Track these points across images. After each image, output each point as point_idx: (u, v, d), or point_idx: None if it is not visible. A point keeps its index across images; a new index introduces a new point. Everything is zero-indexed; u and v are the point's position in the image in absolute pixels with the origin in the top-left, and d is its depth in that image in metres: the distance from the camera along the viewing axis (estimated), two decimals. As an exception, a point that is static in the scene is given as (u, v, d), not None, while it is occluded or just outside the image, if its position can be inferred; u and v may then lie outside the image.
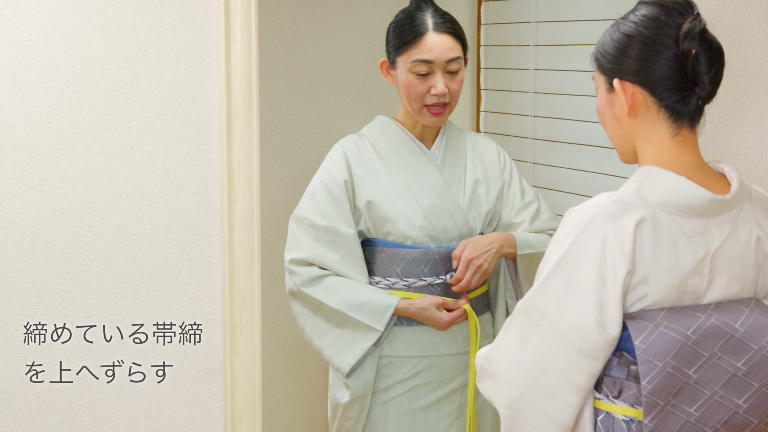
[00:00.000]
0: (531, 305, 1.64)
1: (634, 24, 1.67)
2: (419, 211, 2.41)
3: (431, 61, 2.32)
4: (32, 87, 2.16)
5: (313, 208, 2.43)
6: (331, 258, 2.40)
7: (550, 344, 1.61)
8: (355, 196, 2.42)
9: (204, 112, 2.26)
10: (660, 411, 1.60)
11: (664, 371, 1.59)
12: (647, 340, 1.59)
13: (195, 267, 2.30)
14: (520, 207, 2.51)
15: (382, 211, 2.40)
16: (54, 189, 2.21)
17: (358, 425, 2.47)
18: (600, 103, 1.75)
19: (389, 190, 2.42)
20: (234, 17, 2.23)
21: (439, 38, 2.33)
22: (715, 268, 1.66)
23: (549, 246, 1.67)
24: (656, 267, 1.62)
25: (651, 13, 1.66)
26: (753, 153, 2.40)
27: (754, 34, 2.37)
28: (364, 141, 2.47)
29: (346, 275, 2.40)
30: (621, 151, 1.77)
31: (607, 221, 1.61)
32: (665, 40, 1.64)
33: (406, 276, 2.41)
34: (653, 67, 1.65)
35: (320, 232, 2.41)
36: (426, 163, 2.44)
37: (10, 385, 2.23)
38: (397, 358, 2.43)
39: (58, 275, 2.23)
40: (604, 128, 1.79)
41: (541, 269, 1.67)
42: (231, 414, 2.34)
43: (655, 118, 1.68)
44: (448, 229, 2.41)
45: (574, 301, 1.60)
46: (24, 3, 2.14)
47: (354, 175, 2.42)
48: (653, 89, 1.66)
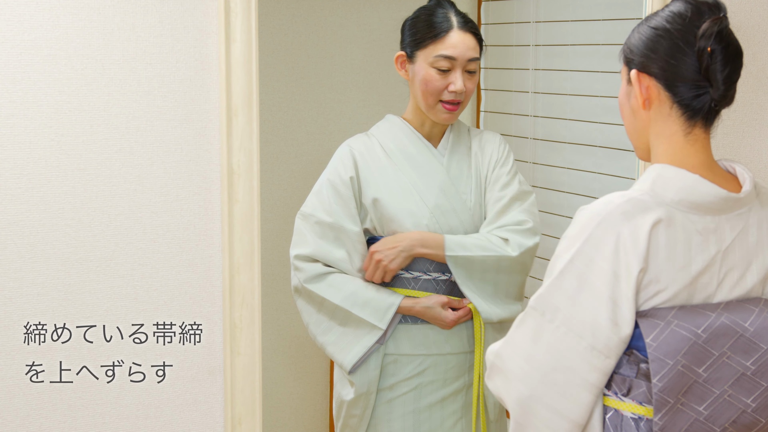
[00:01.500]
0: (544, 302, 1.64)
1: (661, 19, 1.69)
2: (425, 209, 2.41)
3: (454, 57, 2.35)
4: (32, 87, 2.16)
5: (319, 205, 2.44)
6: (336, 255, 2.42)
7: (563, 341, 1.61)
8: (361, 194, 2.43)
9: (204, 112, 2.26)
10: (670, 409, 1.61)
11: (675, 369, 1.60)
12: (658, 338, 1.60)
13: (195, 267, 2.30)
14: (495, 196, 2.50)
15: (388, 209, 2.41)
16: (54, 189, 2.21)
17: (363, 423, 2.48)
18: (620, 95, 1.77)
19: (396, 188, 2.43)
20: (234, 17, 2.23)
21: (463, 36, 2.37)
22: (725, 266, 1.67)
23: (560, 243, 1.67)
24: (669, 266, 1.63)
25: (679, 9, 1.68)
26: (753, 153, 2.40)
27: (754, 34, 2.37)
28: (372, 139, 2.48)
29: (350, 272, 2.42)
30: (636, 146, 1.78)
31: (622, 219, 1.61)
32: (687, 36, 1.65)
33: (412, 270, 2.43)
34: (670, 61, 1.66)
35: (326, 229, 2.43)
36: (433, 161, 2.45)
37: (10, 385, 2.23)
38: (402, 356, 2.44)
39: (58, 275, 2.23)
40: (623, 120, 1.79)
41: (552, 266, 1.67)
42: (231, 414, 2.34)
43: (668, 114, 1.69)
44: (454, 227, 2.41)
45: (587, 298, 1.61)
46: (24, 3, 2.14)
47: (360, 172, 2.44)
48: (668, 84, 1.67)
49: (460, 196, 2.43)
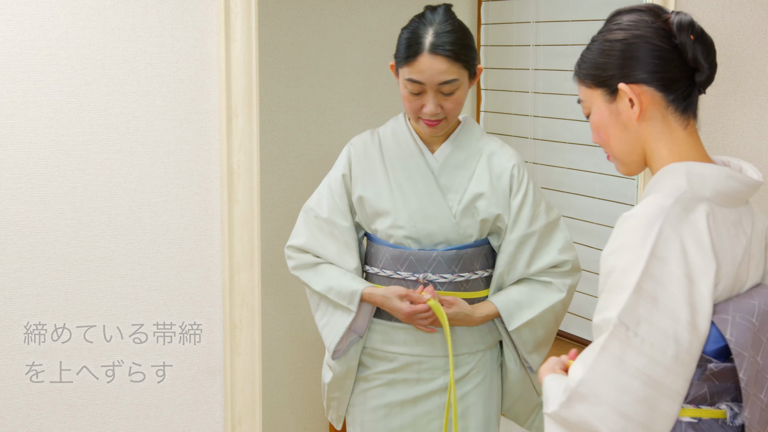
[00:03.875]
0: (627, 318, 1.59)
1: (625, 29, 1.71)
2: (404, 212, 2.41)
3: (422, 82, 2.31)
4: (32, 87, 2.16)
5: (318, 201, 2.51)
6: (329, 249, 2.49)
7: (650, 356, 1.58)
8: (351, 191, 2.47)
9: (204, 112, 2.26)
10: (751, 401, 1.63)
11: (749, 361, 1.61)
12: (734, 332, 1.61)
13: (195, 267, 2.30)
14: (519, 236, 2.46)
15: (371, 208, 2.45)
16: (54, 189, 2.21)
17: (342, 405, 2.57)
18: (599, 119, 1.74)
19: (382, 188, 2.44)
20: (234, 17, 2.23)
21: (431, 61, 2.29)
22: (748, 255, 1.70)
23: (616, 254, 1.62)
24: (723, 259, 1.64)
25: (635, 17, 1.71)
26: (753, 153, 2.40)
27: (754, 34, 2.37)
28: (374, 138, 2.50)
29: (340, 266, 2.49)
30: (626, 162, 1.76)
31: (680, 222, 1.60)
32: (659, 35, 1.68)
33: (386, 268, 2.47)
34: (655, 62, 1.67)
35: (322, 224, 2.49)
36: (422, 166, 2.44)
37: (10, 385, 2.23)
38: (377, 350, 2.49)
39: (58, 275, 2.23)
40: (603, 145, 1.76)
41: (618, 281, 1.61)
42: (231, 414, 2.34)
43: (664, 115, 1.70)
44: (432, 233, 2.41)
45: (665, 307, 1.58)
46: (24, 3, 2.14)
47: (353, 170, 2.47)
48: (661, 84, 1.68)
49: (445, 203, 2.41)
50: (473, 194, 2.41)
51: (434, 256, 2.41)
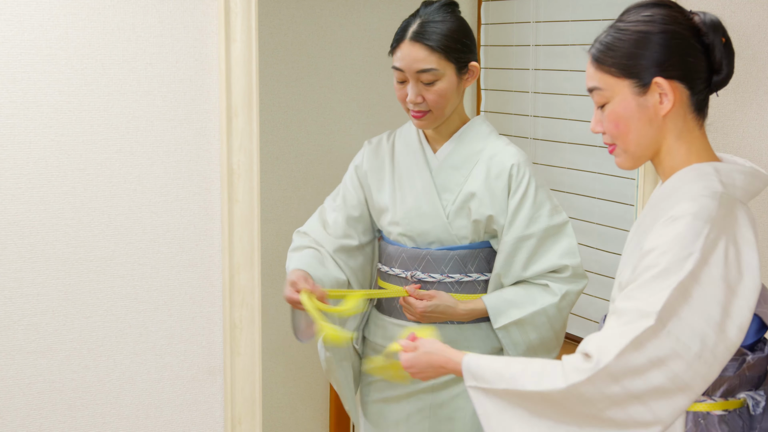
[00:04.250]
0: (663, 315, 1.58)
1: (661, 23, 1.67)
2: (401, 210, 2.43)
3: (401, 69, 2.34)
4: (32, 87, 2.16)
5: (335, 193, 2.58)
6: (317, 224, 2.55)
7: (672, 348, 1.58)
8: (362, 184, 2.54)
9: (204, 112, 2.26)
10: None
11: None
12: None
13: (195, 267, 2.30)
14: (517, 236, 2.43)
15: (376, 204, 2.47)
16: (54, 189, 2.21)
17: (341, 391, 2.60)
18: (622, 110, 1.70)
19: (385, 186, 2.47)
20: (234, 17, 2.23)
21: (410, 49, 2.31)
22: None
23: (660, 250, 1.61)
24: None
25: (666, 11, 1.68)
26: (753, 153, 2.41)
27: (754, 34, 2.37)
28: (391, 136, 2.55)
29: (317, 239, 2.54)
30: (638, 156, 1.73)
31: (726, 224, 1.61)
32: (692, 35, 1.67)
33: (385, 265, 2.50)
34: (689, 60, 1.67)
35: (327, 205, 2.56)
36: (422, 165, 2.45)
37: (10, 385, 2.23)
38: (379, 345, 2.51)
39: (58, 275, 2.23)
40: (618, 137, 1.72)
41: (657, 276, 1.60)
42: (231, 414, 2.34)
43: (686, 113, 1.70)
44: (425, 232, 2.42)
45: (698, 306, 1.58)
46: (24, 3, 2.14)
47: (365, 164, 2.53)
48: (689, 83, 1.68)
49: (439, 203, 2.41)
50: (467, 194, 2.40)
51: (423, 255, 2.41)
